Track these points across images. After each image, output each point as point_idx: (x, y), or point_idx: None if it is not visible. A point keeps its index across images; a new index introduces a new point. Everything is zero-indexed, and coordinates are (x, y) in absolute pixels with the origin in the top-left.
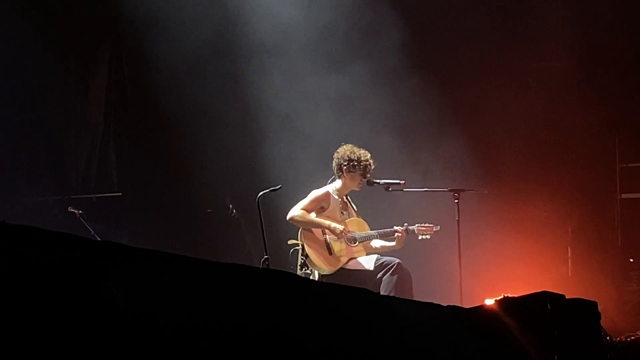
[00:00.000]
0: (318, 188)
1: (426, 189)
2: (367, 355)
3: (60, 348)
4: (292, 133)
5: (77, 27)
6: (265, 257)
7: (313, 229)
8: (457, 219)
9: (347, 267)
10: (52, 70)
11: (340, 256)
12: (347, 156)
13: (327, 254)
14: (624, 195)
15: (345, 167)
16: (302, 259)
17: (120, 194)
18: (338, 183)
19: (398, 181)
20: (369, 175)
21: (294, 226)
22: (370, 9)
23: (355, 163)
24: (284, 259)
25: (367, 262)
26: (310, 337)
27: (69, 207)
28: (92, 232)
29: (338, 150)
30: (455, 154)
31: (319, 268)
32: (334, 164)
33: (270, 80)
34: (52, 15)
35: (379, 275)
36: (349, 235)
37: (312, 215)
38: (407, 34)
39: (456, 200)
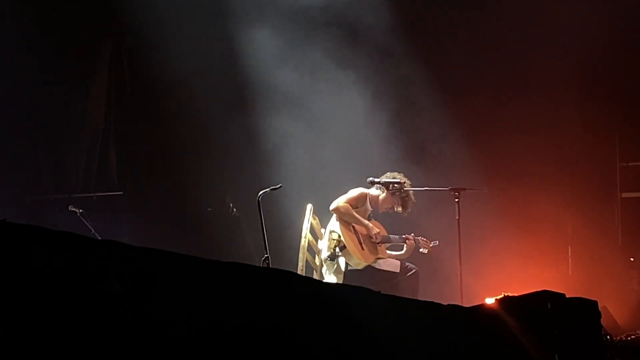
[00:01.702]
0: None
1: (426, 188)
2: (368, 353)
3: (60, 347)
4: (293, 131)
5: (78, 26)
6: (266, 255)
7: (351, 223)
8: (457, 217)
9: (374, 266)
10: (52, 70)
11: (371, 253)
12: (399, 180)
13: (360, 248)
14: (624, 195)
15: (397, 189)
16: (333, 250)
17: (121, 192)
18: (375, 192)
19: (398, 180)
20: (398, 209)
21: (295, 225)
22: (373, 9)
23: (401, 189)
24: (284, 257)
25: (393, 266)
26: (311, 335)
27: (70, 206)
28: (93, 231)
29: (395, 173)
30: (456, 153)
31: (353, 260)
32: (384, 178)
33: (272, 80)
34: (52, 15)
35: (401, 277)
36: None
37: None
38: (408, 34)
39: (456, 200)
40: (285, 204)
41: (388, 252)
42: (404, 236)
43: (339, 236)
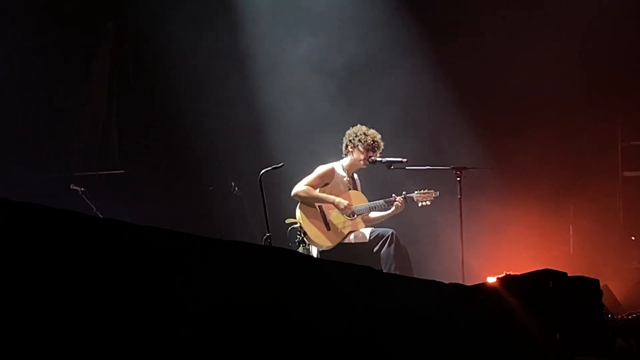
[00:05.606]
0: (318, 165)
1: (428, 167)
2: (369, 332)
3: (62, 331)
4: (295, 110)
5: (81, 7)
6: (268, 234)
7: (315, 204)
8: (459, 197)
9: (344, 242)
10: (55, 49)
11: (340, 230)
12: (355, 132)
13: (326, 229)
14: (626, 174)
15: (351, 142)
16: (299, 236)
17: (122, 171)
18: (346, 160)
19: (400, 159)
20: (372, 153)
21: (295, 204)
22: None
23: (362, 137)
24: (286, 236)
25: (363, 235)
26: (313, 314)
27: (71, 185)
28: (94, 209)
29: (356, 128)
30: (458, 133)
31: (317, 244)
32: (343, 141)
33: (273, 59)
34: None
35: (376, 248)
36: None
37: (317, 191)
38: (411, 18)
39: (458, 179)
40: (287, 183)
41: (371, 215)
42: (390, 199)
43: (300, 225)
